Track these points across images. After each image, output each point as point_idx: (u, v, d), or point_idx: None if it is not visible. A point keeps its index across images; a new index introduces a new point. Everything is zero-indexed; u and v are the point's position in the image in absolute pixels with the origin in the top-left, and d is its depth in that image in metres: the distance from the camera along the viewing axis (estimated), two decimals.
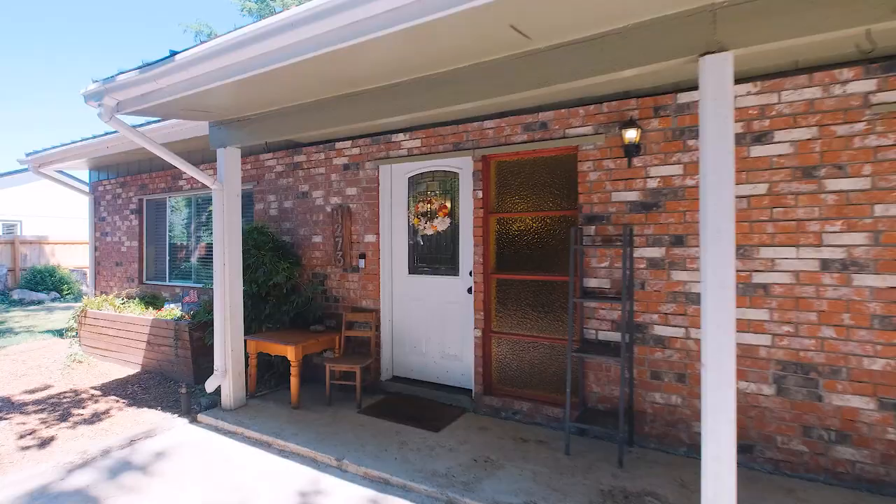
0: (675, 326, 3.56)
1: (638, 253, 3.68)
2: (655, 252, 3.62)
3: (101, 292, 8.01)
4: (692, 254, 3.50)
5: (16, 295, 13.49)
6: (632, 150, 3.65)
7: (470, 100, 3.11)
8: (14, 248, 15.15)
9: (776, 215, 3.25)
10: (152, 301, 6.91)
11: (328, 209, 5.35)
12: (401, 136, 4.84)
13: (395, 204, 5.09)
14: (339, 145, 5.27)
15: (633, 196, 3.70)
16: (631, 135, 3.60)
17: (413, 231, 5.01)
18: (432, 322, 4.89)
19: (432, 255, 4.91)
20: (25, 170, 7.86)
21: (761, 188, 3.29)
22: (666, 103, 3.59)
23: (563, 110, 3.98)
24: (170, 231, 7.32)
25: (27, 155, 7.42)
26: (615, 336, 3.79)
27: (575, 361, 3.92)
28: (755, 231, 3.31)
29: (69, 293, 14.51)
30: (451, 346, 4.79)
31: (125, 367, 6.11)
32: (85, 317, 6.64)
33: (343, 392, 4.92)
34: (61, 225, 19.24)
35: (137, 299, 7.02)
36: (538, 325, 4.24)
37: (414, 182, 4.99)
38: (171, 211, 7.32)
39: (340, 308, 5.26)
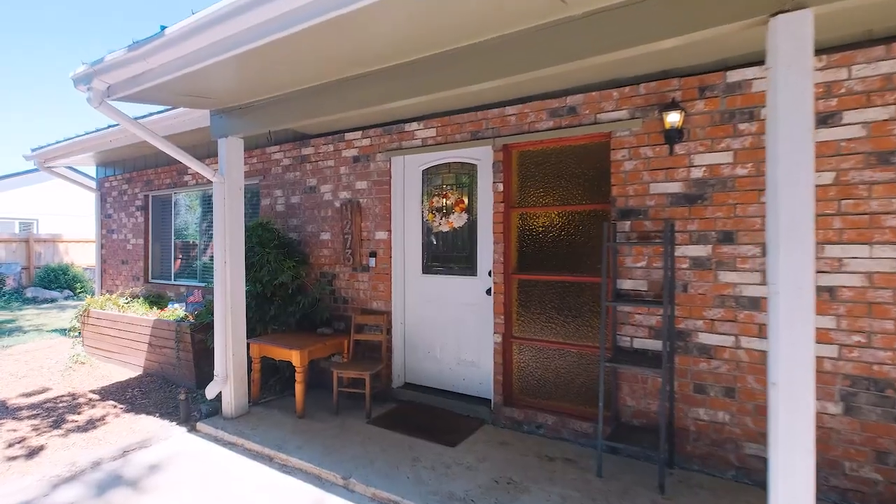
0: (722, 334, 3.16)
1: (680, 251, 3.28)
2: (700, 250, 3.22)
3: (107, 291, 7.82)
4: (743, 252, 3.09)
5: (29, 293, 13.49)
6: (674, 136, 3.25)
7: (492, 77, 2.75)
8: (28, 246, 15.20)
9: (845, 208, 2.83)
10: (157, 301, 6.68)
11: (337, 204, 5.03)
12: (414, 126, 4.50)
13: (408, 198, 4.75)
14: (348, 136, 4.94)
15: (674, 187, 3.30)
16: (673, 118, 3.20)
17: (427, 228, 4.66)
18: (447, 326, 4.54)
19: (448, 254, 4.56)
20: (37, 169, 7.69)
21: (827, 177, 2.87)
22: (713, 83, 3.18)
23: (594, 93, 3.59)
24: (175, 228, 7.09)
25: (33, 150, 7.25)
26: (653, 344, 3.40)
27: (607, 372, 3.54)
28: (819, 226, 2.88)
29: (82, 291, 14.48)
30: (467, 351, 4.43)
31: (127, 370, 5.88)
32: (87, 316, 6.43)
33: (351, 400, 4.60)
34: (76, 223, 19.31)
35: (142, 299, 6.80)
36: (565, 330, 3.86)
37: (428, 175, 4.65)
38: (177, 207, 7.09)
39: (349, 310, 4.93)
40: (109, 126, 5.98)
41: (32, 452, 3.71)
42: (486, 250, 4.24)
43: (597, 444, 3.28)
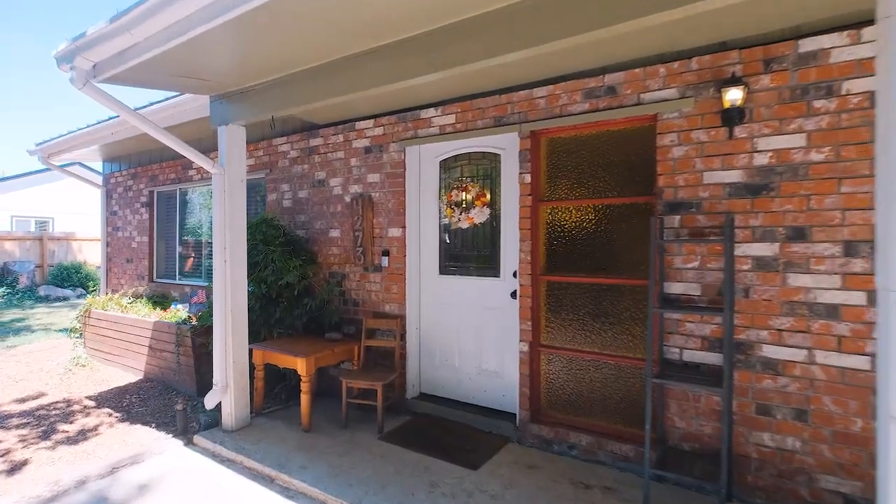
0: (792, 347, 2.70)
1: (740, 250, 2.83)
2: (765, 249, 2.77)
3: (112, 290, 7.58)
4: (819, 251, 2.63)
5: (42, 291, 13.42)
6: (734, 117, 2.80)
7: (524, 46, 2.36)
8: (42, 244, 15.18)
9: None
10: (161, 301, 6.39)
11: (347, 199, 4.66)
12: (431, 112, 4.10)
13: (423, 192, 4.36)
14: (359, 125, 4.57)
15: (733, 176, 2.86)
16: (734, 96, 2.75)
17: (445, 224, 4.26)
18: (467, 331, 4.14)
19: (468, 253, 4.15)
20: (49, 168, 7.49)
21: None
22: (781, 53, 2.73)
23: (636, 70, 3.16)
24: (180, 225, 6.79)
25: (37, 145, 7.03)
26: (705, 357, 2.95)
27: (653, 388, 3.10)
28: None
29: (95, 290, 14.37)
30: (489, 360, 4.02)
31: (127, 374, 5.59)
32: (88, 317, 6.17)
33: (362, 411, 4.22)
34: (90, 221, 19.32)
35: (145, 298, 6.52)
36: (601, 339, 3.43)
37: (446, 166, 4.25)
38: (182, 203, 6.79)
39: (360, 313, 4.56)
40: (110, 118, 5.71)
41: (14, 468, 3.40)
42: (511, 249, 3.83)
43: (642, 472, 2.86)
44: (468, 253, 4.15)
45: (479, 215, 4.04)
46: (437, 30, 2.61)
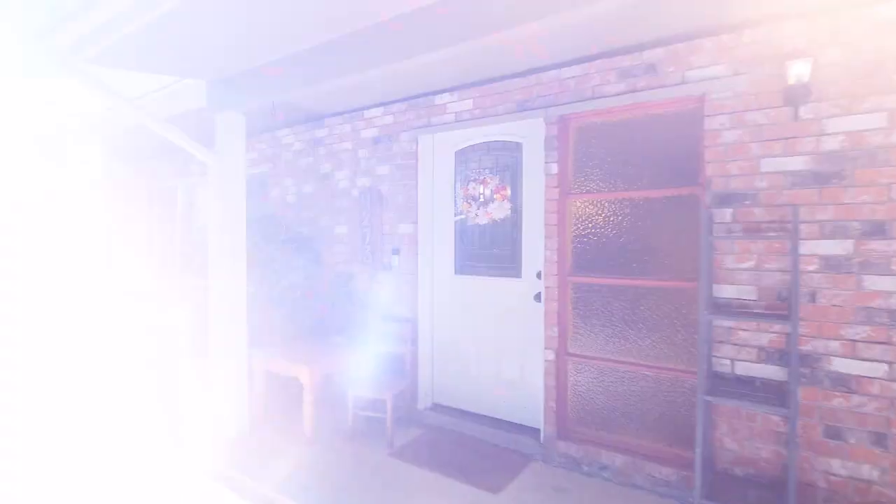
0: (869, 361, 2.34)
1: (805, 248, 2.47)
2: (836, 247, 2.40)
3: None
4: None
5: None
6: (798, 95, 2.44)
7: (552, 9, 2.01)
8: None
9: None
10: None
11: (354, 193, 4.33)
12: (446, 97, 3.77)
13: (437, 186, 4.02)
14: (367, 114, 4.25)
15: (797, 163, 2.49)
16: (799, 70, 2.39)
17: (461, 220, 3.93)
18: (485, 337, 3.79)
19: (486, 251, 3.81)
20: None
21: None
22: (854, 20, 2.36)
23: (679, 45, 2.80)
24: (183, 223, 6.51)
25: None
26: (763, 370, 2.59)
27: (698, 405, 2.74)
28: None
29: None
30: (509, 368, 3.68)
31: None
32: None
33: (370, 422, 3.89)
34: None
35: None
36: (637, 348, 3.08)
37: (463, 157, 3.91)
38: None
39: (368, 316, 4.23)
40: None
41: None
42: (535, 247, 3.48)
43: (686, 498, 2.54)
44: (486, 251, 3.80)
45: (499, 210, 3.70)
46: None
